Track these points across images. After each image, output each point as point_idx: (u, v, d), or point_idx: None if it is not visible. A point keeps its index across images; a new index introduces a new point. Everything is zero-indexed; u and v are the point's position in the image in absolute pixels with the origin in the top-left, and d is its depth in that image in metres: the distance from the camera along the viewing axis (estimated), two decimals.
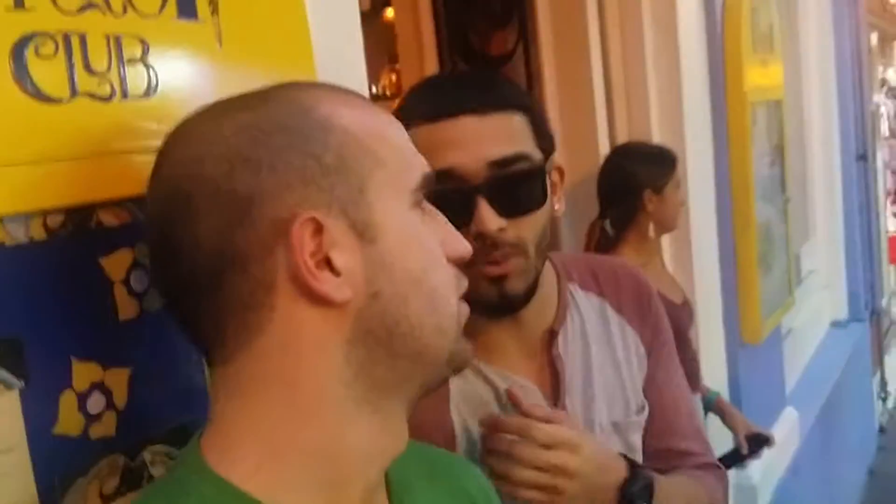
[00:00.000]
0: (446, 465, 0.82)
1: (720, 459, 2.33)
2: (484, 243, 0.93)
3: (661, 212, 2.22)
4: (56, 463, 0.69)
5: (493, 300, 0.97)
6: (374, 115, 0.65)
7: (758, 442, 2.37)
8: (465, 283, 0.68)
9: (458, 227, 0.91)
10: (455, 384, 1.01)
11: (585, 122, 2.39)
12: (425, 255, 0.64)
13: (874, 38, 6.50)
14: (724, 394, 2.51)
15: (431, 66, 2.74)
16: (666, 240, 2.41)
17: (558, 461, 0.92)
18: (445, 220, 0.68)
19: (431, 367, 0.65)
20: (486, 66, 2.64)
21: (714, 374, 2.50)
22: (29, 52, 0.66)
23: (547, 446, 0.92)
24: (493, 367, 1.03)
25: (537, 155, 0.98)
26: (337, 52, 1.03)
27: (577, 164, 2.36)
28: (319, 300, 0.59)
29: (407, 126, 0.95)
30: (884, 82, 7.26)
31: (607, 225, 2.24)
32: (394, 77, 4.71)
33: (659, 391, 1.12)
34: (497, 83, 1.01)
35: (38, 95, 0.67)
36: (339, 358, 0.60)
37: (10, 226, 0.66)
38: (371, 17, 4.24)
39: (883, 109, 7.13)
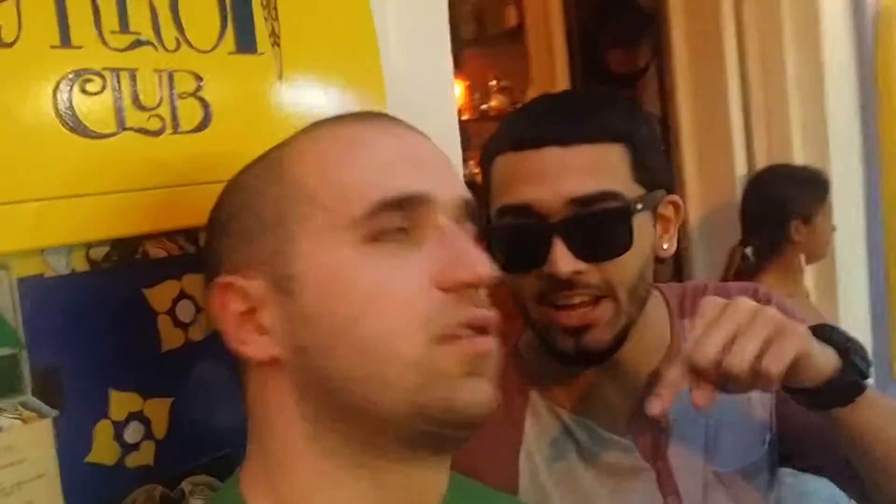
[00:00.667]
0: None
1: None
2: (557, 286, 0.87)
3: (810, 242, 2.07)
4: (88, 492, 0.70)
5: (570, 352, 0.90)
6: (341, 142, 0.62)
7: None
8: (460, 316, 0.59)
9: (531, 268, 0.88)
10: (530, 429, 0.95)
11: (721, 141, 2.29)
12: (357, 302, 0.57)
13: None
14: None
15: (563, 85, 2.70)
16: (809, 268, 2.25)
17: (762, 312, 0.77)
18: (457, 240, 0.60)
19: (389, 422, 0.58)
20: (619, 83, 2.57)
21: None
22: (75, 90, 0.68)
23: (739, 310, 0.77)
24: (581, 417, 0.95)
25: (633, 192, 0.90)
26: (421, 81, 1.01)
27: (711, 185, 2.26)
28: (253, 361, 0.60)
29: (496, 155, 0.92)
30: None
31: (749, 252, 2.10)
32: (503, 97, 4.58)
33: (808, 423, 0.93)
34: (598, 109, 0.92)
35: (83, 131, 0.69)
36: (296, 414, 0.60)
37: (50, 258, 0.68)
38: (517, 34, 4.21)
39: None
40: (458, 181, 0.64)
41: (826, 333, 0.82)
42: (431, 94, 1.04)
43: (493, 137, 0.96)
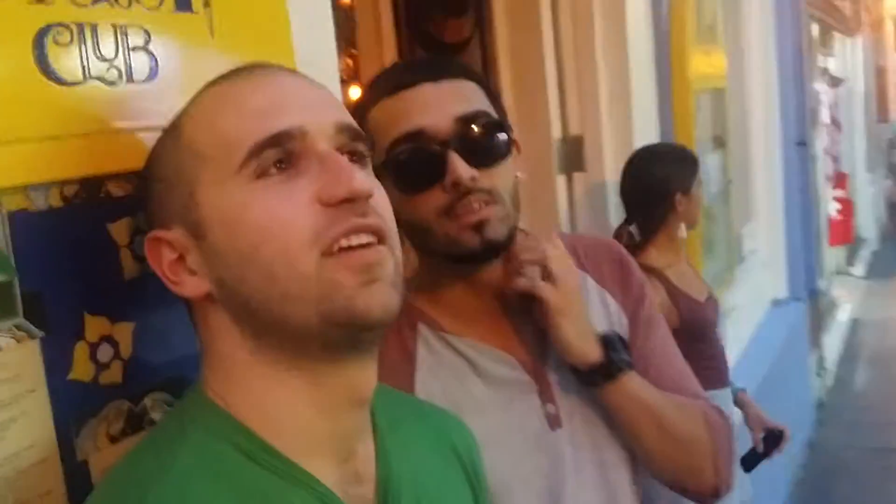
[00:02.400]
0: (435, 416, 0.90)
1: (741, 463, 2.44)
2: (459, 193, 1.00)
3: (689, 210, 2.28)
4: (70, 405, 0.78)
5: (477, 248, 1.02)
6: (215, 99, 0.71)
7: (773, 439, 2.44)
8: (344, 225, 0.67)
9: (432, 184, 1.02)
10: (422, 357, 1.08)
11: (539, 109, 2.49)
12: (254, 232, 0.66)
13: (815, 29, 6.74)
14: None
15: (390, 53, 2.83)
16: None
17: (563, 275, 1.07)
18: (333, 161, 0.68)
19: (303, 330, 0.67)
20: (443, 52, 2.72)
21: None
22: (48, 41, 0.75)
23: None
24: (463, 339, 1.09)
25: (496, 114, 1.07)
26: (311, 39, 1.12)
27: (531, 149, 2.45)
28: (191, 298, 0.71)
29: (371, 106, 1.05)
30: (824, 72, 7.51)
31: (633, 229, 2.29)
32: (350, 62, 4.74)
33: (649, 352, 1.16)
34: (450, 60, 1.11)
35: (56, 78, 0.76)
36: (237, 335, 0.70)
37: (32, 194, 0.74)
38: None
39: (823, 98, 7.38)
40: (336, 110, 0.72)
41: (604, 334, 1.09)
42: (316, 51, 1.15)
43: (363, 98, 1.09)
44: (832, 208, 7.41)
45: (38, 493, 0.74)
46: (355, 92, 2.70)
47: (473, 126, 1.02)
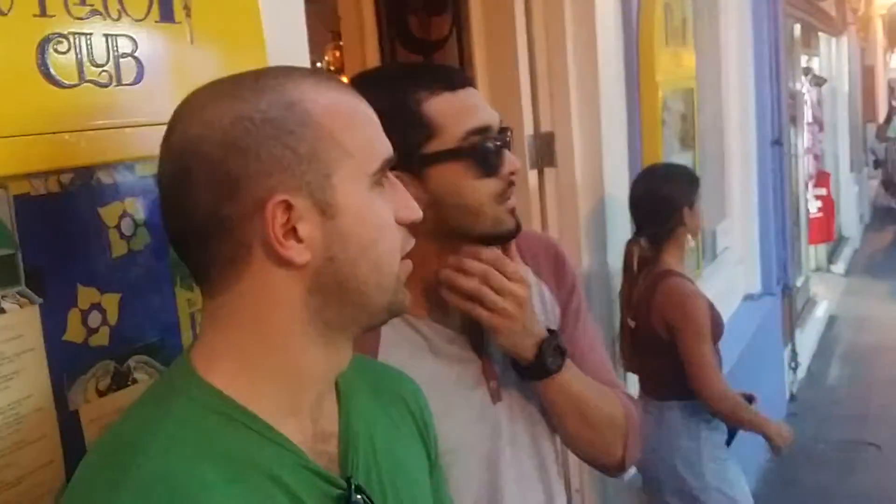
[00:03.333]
0: (392, 378, 1.01)
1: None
2: (509, 182, 1.18)
3: (693, 222, 2.60)
4: (64, 363, 0.90)
5: (513, 229, 1.20)
6: (348, 105, 0.80)
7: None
8: (410, 243, 0.84)
9: (493, 172, 1.17)
10: (386, 334, 1.19)
11: (512, 106, 2.60)
12: (376, 230, 0.80)
13: (797, 29, 6.87)
14: None
15: (372, 48, 2.94)
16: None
17: (518, 291, 1.16)
18: (404, 190, 0.84)
19: (372, 313, 0.83)
20: (422, 49, 2.84)
21: None
22: (49, 49, 0.87)
23: (510, 278, 1.16)
24: (421, 320, 1.22)
25: None
26: (285, 49, 1.24)
27: None
28: (285, 261, 0.76)
29: (430, 96, 1.18)
30: (807, 71, 7.65)
31: (643, 241, 2.59)
32: (338, 53, 4.90)
33: (576, 339, 1.31)
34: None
35: (55, 82, 0.88)
36: (298, 304, 0.78)
37: (33, 181, 0.87)
38: None
39: (807, 97, 7.52)
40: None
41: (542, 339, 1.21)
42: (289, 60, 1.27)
43: (409, 87, 1.19)
44: (813, 206, 7.54)
45: (35, 437, 0.87)
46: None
47: (506, 131, 1.20)
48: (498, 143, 1.17)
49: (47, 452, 0.88)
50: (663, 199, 2.53)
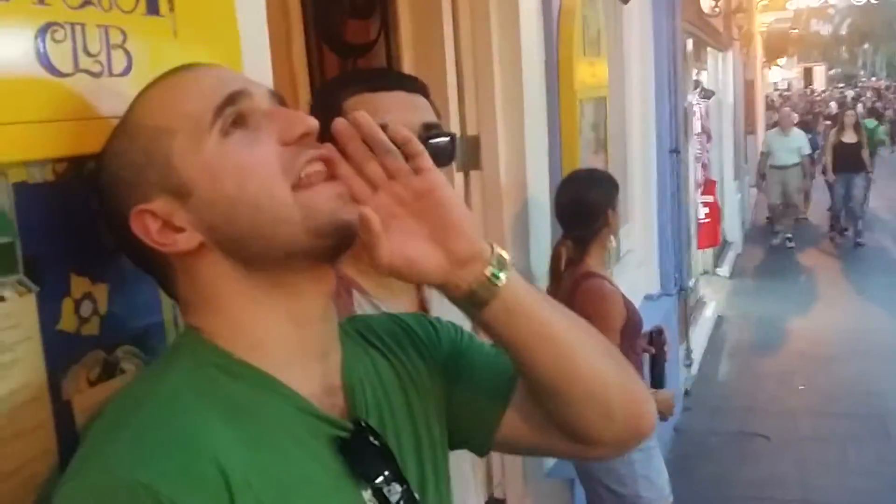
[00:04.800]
0: (369, 325, 1.01)
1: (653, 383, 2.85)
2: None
3: (615, 223, 2.74)
4: (59, 353, 0.90)
5: None
6: (163, 89, 0.84)
7: (655, 338, 2.88)
8: (303, 157, 0.80)
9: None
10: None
11: (439, 110, 2.66)
12: (233, 177, 0.79)
13: (690, 44, 7.20)
14: None
15: (300, 52, 2.94)
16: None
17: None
18: (282, 112, 0.83)
19: (294, 245, 0.80)
20: (350, 53, 2.86)
21: None
22: (48, 37, 0.87)
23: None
24: (384, 303, 1.27)
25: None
26: (251, 40, 1.26)
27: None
28: (185, 253, 0.81)
29: (350, 96, 1.21)
30: (697, 84, 8.02)
31: (569, 244, 2.72)
32: None
33: None
34: (416, 79, 1.32)
35: (53, 70, 0.88)
36: (231, 273, 0.82)
37: (31, 169, 0.87)
38: None
39: (696, 109, 7.88)
40: (264, 83, 0.88)
41: None
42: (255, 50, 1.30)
43: (336, 87, 1.27)
44: (701, 213, 7.90)
45: (31, 426, 0.87)
46: None
47: (433, 132, 1.24)
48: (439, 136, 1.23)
49: (43, 442, 0.88)
50: (589, 203, 2.65)
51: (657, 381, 2.84)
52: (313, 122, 0.83)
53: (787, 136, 10.93)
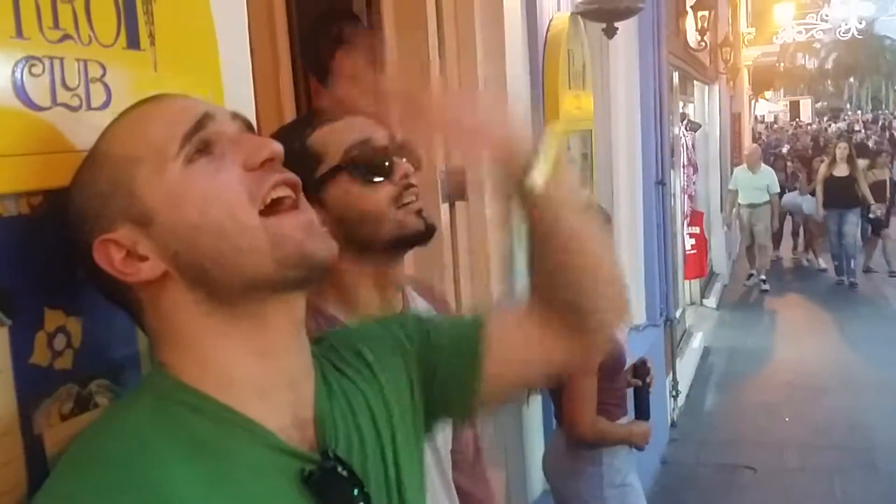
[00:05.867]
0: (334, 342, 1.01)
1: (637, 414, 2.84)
2: (406, 184, 1.26)
3: None
4: (30, 386, 0.89)
5: (422, 229, 1.28)
6: (129, 119, 0.84)
7: (640, 371, 2.84)
8: (269, 182, 0.81)
9: (379, 176, 1.24)
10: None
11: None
12: (196, 204, 0.79)
13: (676, 77, 7.28)
14: None
15: (286, 82, 2.94)
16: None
17: None
18: (246, 137, 0.84)
19: (255, 275, 0.80)
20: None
21: None
22: (25, 71, 0.87)
23: None
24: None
25: None
26: (234, 72, 1.27)
27: (418, 178, 2.64)
28: (148, 283, 0.81)
29: (314, 130, 1.28)
30: (684, 116, 8.10)
31: None
32: None
33: None
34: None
35: (30, 103, 0.88)
36: (192, 303, 0.81)
37: (6, 202, 0.86)
38: None
39: (682, 140, 7.95)
40: (228, 109, 0.88)
41: None
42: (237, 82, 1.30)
43: (300, 126, 1.29)
44: (688, 244, 7.94)
45: (2, 461, 0.86)
46: None
47: (397, 143, 1.28)
48: (383, 151, 1.25)
49: (13, 477, 0.87)
50: None
51: (642, 412, 2.83)
52: (278, 147, 0.83)
53: (754, 173, 10.09)
